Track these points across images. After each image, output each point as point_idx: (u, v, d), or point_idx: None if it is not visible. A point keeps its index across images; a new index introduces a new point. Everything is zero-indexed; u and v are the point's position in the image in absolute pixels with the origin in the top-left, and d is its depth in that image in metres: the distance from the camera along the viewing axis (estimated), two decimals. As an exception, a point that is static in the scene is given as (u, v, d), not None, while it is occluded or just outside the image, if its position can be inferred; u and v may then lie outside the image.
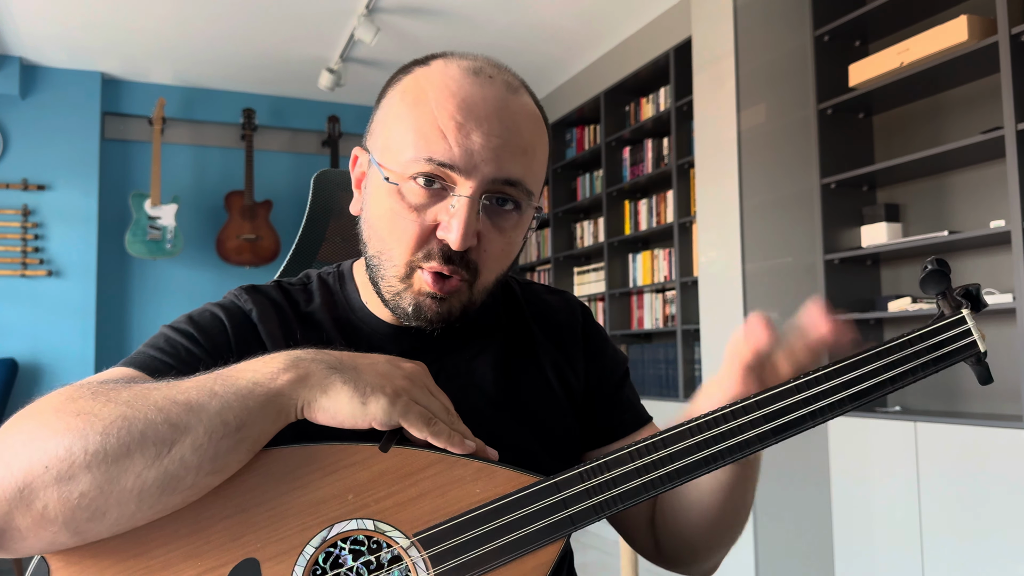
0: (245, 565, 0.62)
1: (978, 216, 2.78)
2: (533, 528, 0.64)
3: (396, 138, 0.76)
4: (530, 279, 0.96)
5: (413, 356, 0.81)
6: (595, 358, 0.90)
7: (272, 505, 0.63)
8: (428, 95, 0.75)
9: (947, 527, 2.50)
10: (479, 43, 4.51)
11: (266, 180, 5.42)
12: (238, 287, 0.84)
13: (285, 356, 0.66)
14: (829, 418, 0.65)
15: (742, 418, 0.65)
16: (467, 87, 0.74)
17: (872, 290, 3.12)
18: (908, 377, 0.66)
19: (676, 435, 0.65)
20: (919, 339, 0.67)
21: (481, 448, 0.68)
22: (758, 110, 3.16)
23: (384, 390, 0.65)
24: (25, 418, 0.62)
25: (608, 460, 0.65)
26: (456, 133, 0.72)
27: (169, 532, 0.62)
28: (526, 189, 0.76)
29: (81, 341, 4.83)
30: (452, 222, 0.73)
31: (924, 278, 0.69)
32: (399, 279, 0.76)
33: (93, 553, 0.61)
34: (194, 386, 0.63)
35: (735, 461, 0.65)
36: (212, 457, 0.61)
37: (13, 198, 4.78)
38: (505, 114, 0.74)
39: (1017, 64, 2.42)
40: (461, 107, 0.73)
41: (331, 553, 0.64)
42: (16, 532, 0.58)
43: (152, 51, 4.68)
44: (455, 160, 0.72)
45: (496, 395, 0.83)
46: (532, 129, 0.77)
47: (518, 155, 0.74)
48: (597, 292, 4.58)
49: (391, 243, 0.76)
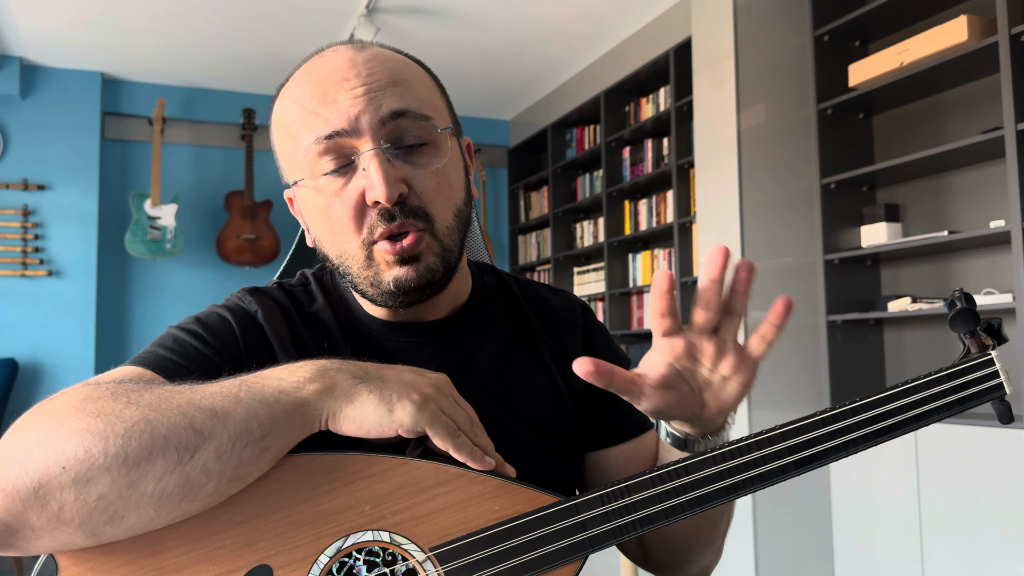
0: (258, 571, 0.61)
1: (978, 216, 2.78)
2: (550, 549, 0.63)
3: (289, 148, 0.78)
4: (530, 278, 0.95)
5: (413, 352, 0.81)
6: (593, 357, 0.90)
7: (288, 512, 0.63)
8: (291, 95, 0.78)
9: (947, 527, 2.50)
10: (479, 43, 4.51)
11: (266, 180, 5.42)
12: (240, 289, 0.84)
13: (312, 365, 0.66)
14: (853, 453, 0.65)
15: (766, 449, 0.65)
16: (316, 67, 0.77)
17: (872, 290, 3.13)
18: (933, 415, 0.66)
19: (699, 463, 0.65)
20: (946, 378, 0.67)
21: (500, 464, 0.68)
22: (758, 110, 3.16)
23: (411, 397, 0.65)
24: (41, 416, 0.60)
25: (629, 484, 0.65)
26: (324, 104, 0.74)
27: (183, 535, 0.61)
28: (418, 114, 0.75)
29: (81, 341, 4.82)
30: (371, 181, 0.72)
31: (954, 317, 0.68)
32: (364, 267, 0.76)
33: (104, 552, 0.60)
34: (218, 392, 0.62)
35: (755, 492, 0.65)
36: (235, 465, 0.60)
37: (13, 198, 4.78)
38: (359, 67, 0.75)
39: (1017, 64, 2.42)
40: (318, 83, 0.75)
41: (345, 563, 0.63)
42: (30, 532, 0.57)
43: (152, 51, 4.68)
44: (336, 126, 0.73)
45: (497, 391, 0.82)
46: (393, 64, 0.77)
47: (389, 88, 0.75)
48: (597, 292, 4.58)
49: (339, 240, 0.76)
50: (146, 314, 5.16)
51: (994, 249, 2.72)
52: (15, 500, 0.56)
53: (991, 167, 2.74)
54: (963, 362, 0.67)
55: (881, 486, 2.73)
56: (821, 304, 3.04)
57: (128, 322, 5.14)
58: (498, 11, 4.15)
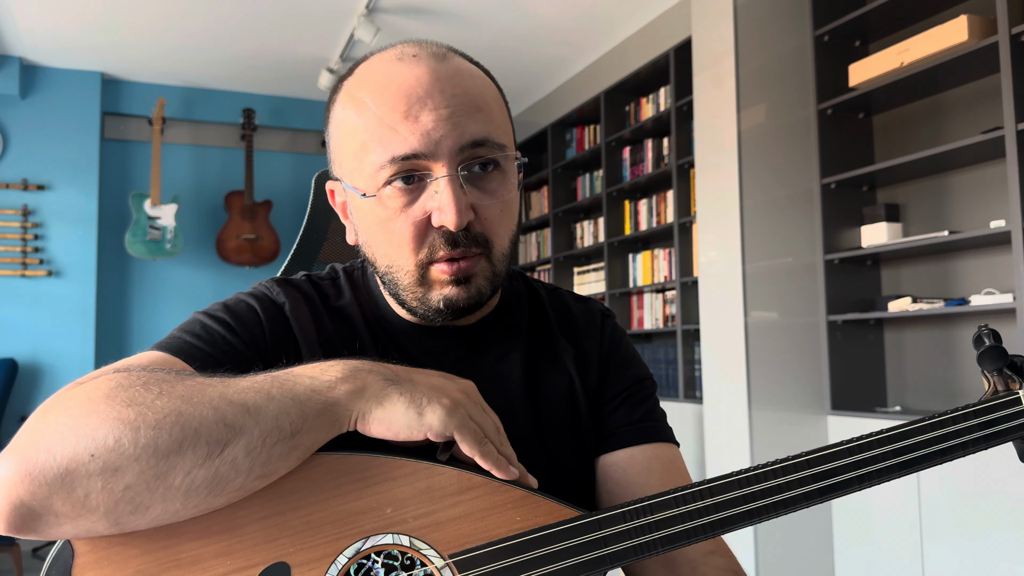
0: (275, 568, 0.61)
1: (978, 216, 2.78)
2: (570, 563, 0.63)
3: (355, 154, 0.75)
4: (558, 287, 0.95)
5: (438, 356, 0.81)
6: (605, 364, 0.88)
7: (310, 511, 0.62)
8: (365, 101, 0.74)
9: (947, 527, 2.50)
10: (479, 43, 4.51)
11: (266, 180, 5.42)
12: (269, 279, 0.83)
13: (343, 365, 0.66)
14: (876, 484, 0.65)
15: (792, 475, 0.65)
16: (397, 76, 0.73)
17: (872, 290, 3.13)
18: (959, 451, 0.66)
19: (723, 486, 0.65)
20: (973, 414, 0.67)
21: (523, 474, 0.68)
22: (758, 110, 3.16)
23: (441, 401, 0.65)
24: (72, 401, 0.60)
25: (652, 503, 0.65)
26: (405, 122, 0.71)
27: (202, 527, 0.61)
28: (496, 143, 0.74)
29: (81, 341, 4.82)
30: (443, 206, 0.71)
31: (982, 354, 0.69)
32: (416, 283, 0.75)
33: (121, 541, 0.60)
34: (251, 387, 0.62)
35: (778, 517, 0.65)
36: (264, 461, 0.60)
37: (13, 198, 4.78)
38: (443, 83, 0.73)
39: (1017, 64, 2.42)
40: (399, 96, 0.72)
41: (363, 565, 0.63)
42: (53, 517, 0.57)
43: (152, 51, 4.68)
44: (416, 148, 0.71)
45: (520, 400, 0.82)
46: (476, 85, 0.75)
47: (472, 114, 0.73)
48: (597, 292, 4.58)
49: (393, 253, 0.75)
50: (146, 314, 5.16)
51: (994, 249, 2.72)
52: (41, 485, 0.56)
53: (991, 167, 2.74)
54: (990, 399, 0.68)
55: (881, 487, 2.73)
56: (821, 304, 3.04)
57: (128, 322, 5.14)
58: (498, 11, 4.15)
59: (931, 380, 2.95)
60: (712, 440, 3.21)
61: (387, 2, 4.04)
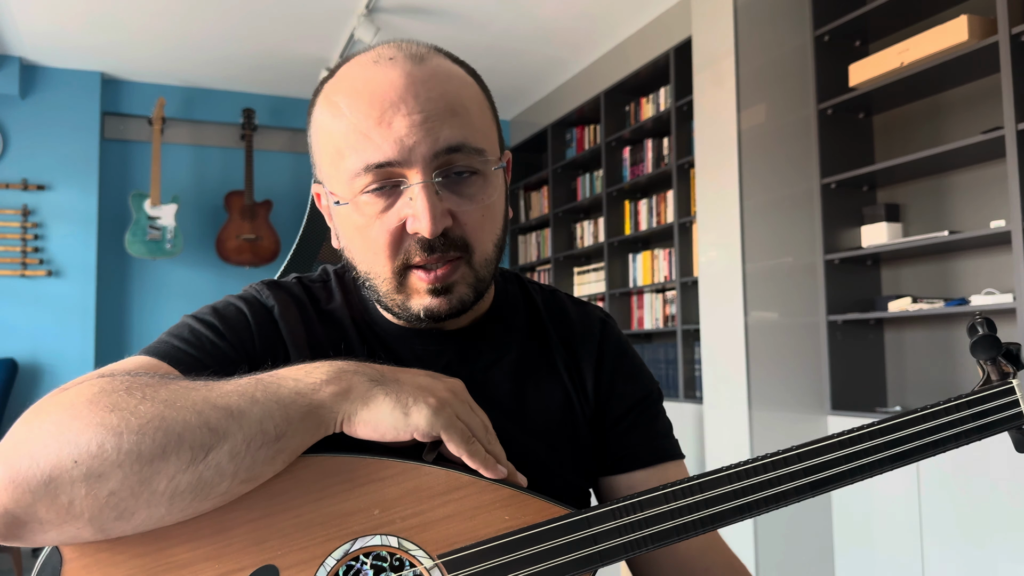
0: (264, 571, 0.61)
1: (978, 216, 2.78)
2: (560, 561, 0.63)
3: (332, 160, 0.74)
4: (556, 289, 0.93)
5: (428, 360, 0.80)
6: (610, 377, 0.86)
7: (298, 512, 0.62)
8: (340, 105, 0.72)
9: (947, 527, 2.50)
10: (479, 43, 4.51)
11: (266, 180, 5.42)
12: (259, 282, 0.83)
13: (328, 367, 0.65)
14: (869, 476, 0.65)
15: (782, 469, 0.64)
16: (372, 80, 0.71)
17: (872, 290, 3.13)
18: (951, 442, 0.66)
19: (714, 481, 0.64)
20: (966, 405, 0.67)
21: (512, 473, 0.67)
22: (758, 110, 3.16)
23: (427, 401, 0.65)
24: (55, 407, 0.59)
25: (642, 500, 0.64)
26: (378, 128, 0.70)
27: (191, 531, 0.61)
28: (473, 148, 0.72)
29: (81, 341, 4.82)
30: (417, 213, 0.70)
31: (976, 343, 0.68)
32: (395, 290, 0.74)
33: (109, 546, 0.60)
34: (235, 390, 0.62)
35: (770, 512, 0.65)
36: (248, 466, 0.60)
37: (13, 198, 4.78)
38: (418, 87, 0.71)
39: (1017, 64, 2.42)
40: (372, 101, 0.70)
41: (352, 567, 0.63)
42: (38, 524, 0.57)
43: (152, 51, 4.68)
44: (390, 156, 0.69)
45: (510, 405, 0.81)
46: (453, 87, 0.73)
47: (448, 119, 0.71)
48: (597, 292, 4.58)
49: (371, 260, 0.74)
50: (146, 314, 5.16)
51: (994, 249, 2.72)
52: (25, 492, 0.56)
53: (991, 167, 2.74)
54: (984, 389, 0.67)
55: (881, 486, 2.73)
56: (821, 304, 3.04)
57: (128, 322, 5.14)
58: (498, 11, 4.14)
59: (931, 380, 2.95)
60: (712, 440, 3.21)
61: (387, 2, 4.04)
